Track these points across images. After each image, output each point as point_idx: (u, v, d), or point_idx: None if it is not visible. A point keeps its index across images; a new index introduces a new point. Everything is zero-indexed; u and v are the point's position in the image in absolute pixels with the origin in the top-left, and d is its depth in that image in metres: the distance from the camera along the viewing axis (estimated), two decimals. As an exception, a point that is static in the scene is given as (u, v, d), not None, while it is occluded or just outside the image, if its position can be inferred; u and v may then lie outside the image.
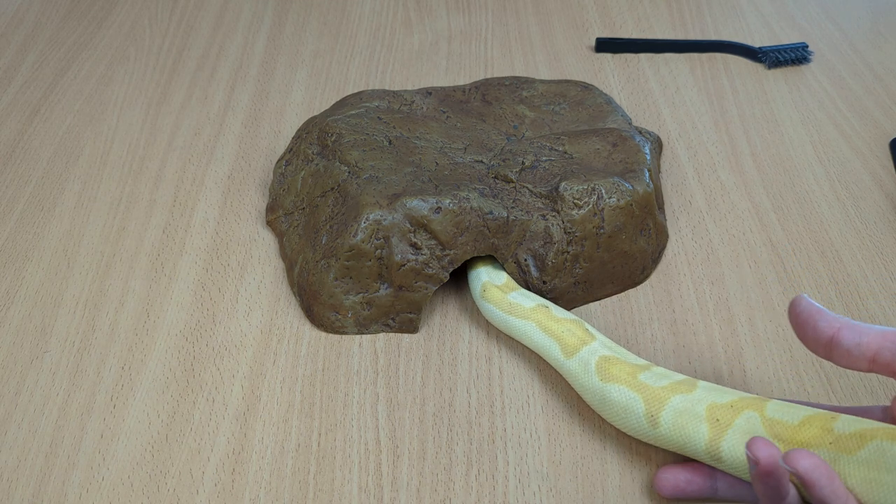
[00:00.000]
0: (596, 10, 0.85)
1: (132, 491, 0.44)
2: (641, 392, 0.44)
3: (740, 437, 0.41)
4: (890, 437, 0.37)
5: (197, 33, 0.82)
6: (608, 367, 0.46)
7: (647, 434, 0.44)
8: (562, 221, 0.53)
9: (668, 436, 0.43)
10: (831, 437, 0.39)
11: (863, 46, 0.79)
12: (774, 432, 0.40)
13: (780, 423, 0.40)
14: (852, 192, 0.63)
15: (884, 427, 0.38)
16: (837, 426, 0.39)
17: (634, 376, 0.45)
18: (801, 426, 0.40)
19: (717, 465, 0.42)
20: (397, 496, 0.44)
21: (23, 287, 0.56)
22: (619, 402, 0.44)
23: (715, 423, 0.41)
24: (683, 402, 0.43)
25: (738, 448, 0.41)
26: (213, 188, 0.64)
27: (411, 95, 0.64)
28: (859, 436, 0.38)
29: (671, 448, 0.43)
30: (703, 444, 0.42)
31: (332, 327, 0.53)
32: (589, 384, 0.46)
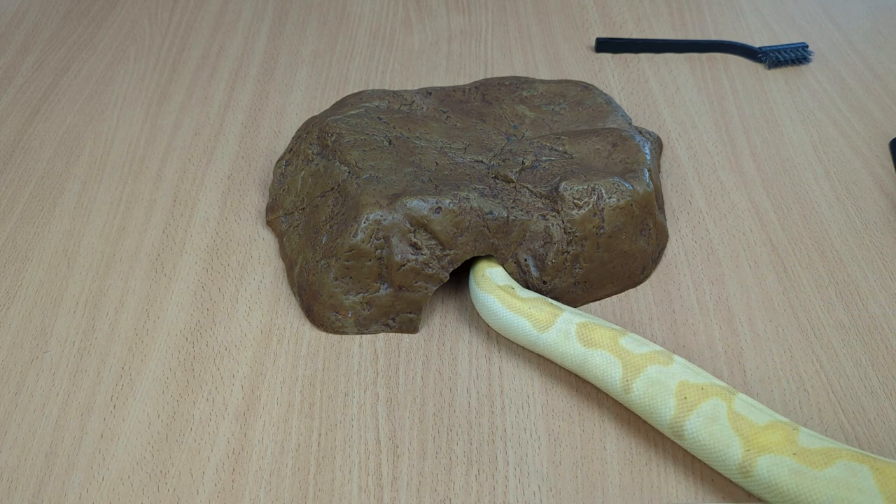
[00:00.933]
0: (596, 10, 0.85)
1: (132, 491, 0.44)
2: (621, 357, 0.46)
3: (704, 421, 0.42)
4: (856, 459, 0.39)
5: (197, 33, 0.82)
6: (588, 333, 0.48)
7: (620, 397, 0.46)
8: (562, 221, 0.53)
9: (637, 403, 0.45)
10: (795, 448, 0.40)
11: (863, 46, 0.79)
12: (738, 427, 0.42)
13: (746, 420, 0.42)
14: (852, 192, 0.63)
15: (846, 448, 0.40)
16: (801, 439, 0.40)
17: (615, 341, 0.47)
18: (765, 429, 0.41)
19: (679, 441, 0.44)
20: (397, 496, 0.44)
21: (23, 287, 0.56)
22: (599, 365, 0.47)
23: (683, 400, 0.43)
24: (658, 373, 0.45)
25: (700, 430, 0.42)
26: (213, 188, 0.64)
27: (411, 95, 0.64)
28: (825, 453, 0.39)
29: (639, 414, 0.46)
30: (668, 419, 0.44)
31: (332, 327, 0.53)
32: (570, 351, 0.48)
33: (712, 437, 0.42)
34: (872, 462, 0.39)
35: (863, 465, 0.39)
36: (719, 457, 0.42)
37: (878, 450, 0.46)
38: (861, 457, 0.39)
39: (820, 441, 0.41)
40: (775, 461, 0.40)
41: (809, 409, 0.48)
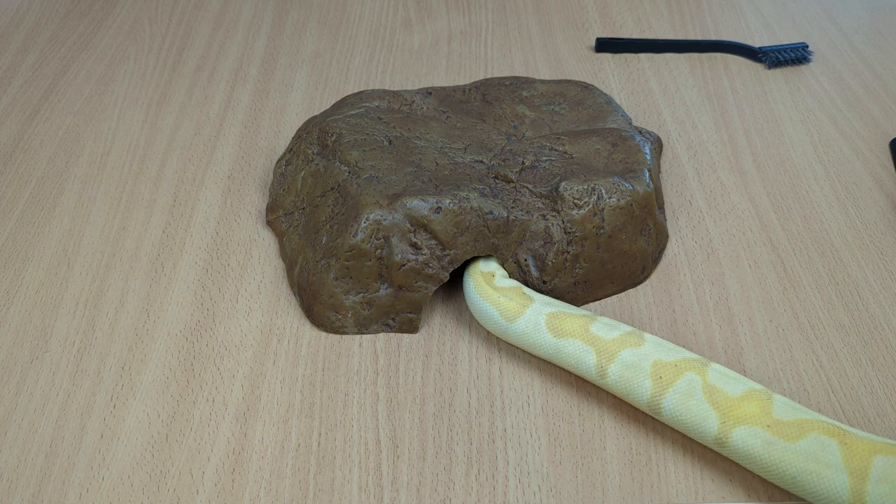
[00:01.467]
0: (596, 10, 0.85)
1: (132, 491, 0.44)
2: (594, 345, 0.47)
3: (680, 397, 0.44)
4: (827, 433, 0.41)
5: (197, 33, 0.82)
6: (559, 323, 0.48)
7: (596, 382, 0.47)
8: (562, 221, 0.53)
9: (613, 386, 0.46)
10: (769, 420, 0.42)
11: (863, 46, 0.79)
12: (713, 400, 0.43)
13: (721, 392, 0.43)
14: (852, 192, 0.63)
15: (819, 420, 0.42)
16: (776, 410, 0.42)
17: (586, 329, 0.48)
18: (741, 400, 0.43)
19: (657, 417, 0.46)
20: (397, 496, 0.44)
21: (23, 287, 0.56)
22: (573, 354, 0.48)
23: (658, 379, 0.45)
24: (632, 356, 0.46)
25: (677, 407, 0.44)
26: (213, 188, 0.64)
27: (411, 95, 0.64)
28: (798, 425, 0.41)
29: (617, 395, 0.47)
30: (646, 398, 0.45)
31: (332, 327, 0.53)
32: (542, 342, 0.49)
33: (689, 412, 0.44)
34: (842, 436, 0.40)
35: (832, 440, 0.40)
36: (696, 430, 0.44)
37: (878, 450, 0.46)
38: (832, 430, 0.41)
39: (794, 411, 0.42)
40: (749, 433, 0.42)
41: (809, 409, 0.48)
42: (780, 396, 0.43)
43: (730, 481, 0.45)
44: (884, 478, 0.39)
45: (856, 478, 0.40)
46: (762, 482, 0.44)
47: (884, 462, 0.39)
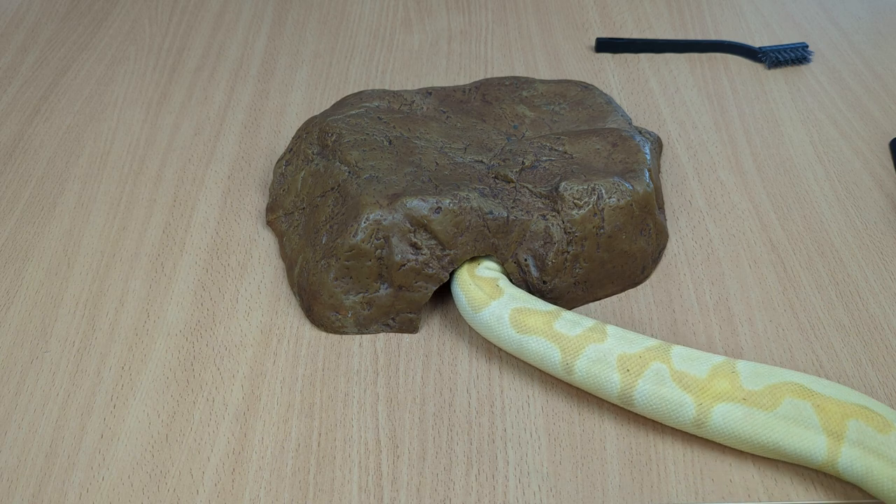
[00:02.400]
0: (596, 10, 0.85)
1: (132, 491, 0.44)
2: (558, 342, 0.48)
3: (651, 387, 0.45)
4: (799, 396, 0.43)
5: (197, 33, 0.82)
6: (522, 319, 0.49)
7: (563, 377, 0.48)
8: (562, 221, 0.53)
9: (582, 382, 0.47)
10: (743, 394, 0.44)
11: (863, 46, 0.79)
12: (684, 384, 0.45)
13: (689, 376, 0.45)
14: (852, 192, 0.63)
15: (785, 383, 0.44)
16: (744, 381, 0.44)
17: (550, 326, 0.48)
18: (710, 380, 0.45)
19: (630, 408, 0.47)
20: (397, 496, 0.44)
21: (23, 287, 0.56)
22: (536, 351, 0.48)
23: (626, 372, 0.46)
24: (596, 351, 0.47)
25: (650, 397, 0.45)
26: (213, 188, 0.64)
27: (411, 95, 0.64)
28: (771, 392, 0.44)
29: (586, 390, 0.48)
30: (616, 391, 0.46)
31: (332, 327, 0.53)
32: (505, 336, 0.49)
33: (663, 400, 0.45)
34: (813, 398, 0.43)
35: (806, 402, 0.43)
36: (673, 416, 0.45)
37: (878, 450, 0.46)
38: (802, 392, 0.44)
39: (759, 378, 0.44)
40: (728, 409, 0.44)
41: (809, 409, 0.48)
42: (741, 363, 0.46)
43: (730, 481, 0.45)
44: (857, 442, 0.42)
45: (832, 438, 0.43)
46: (762, 482, 0.45)
47: (857, 426, 0.42)
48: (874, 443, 0.42)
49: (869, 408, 0.43)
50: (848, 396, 0.43)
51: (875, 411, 0.43)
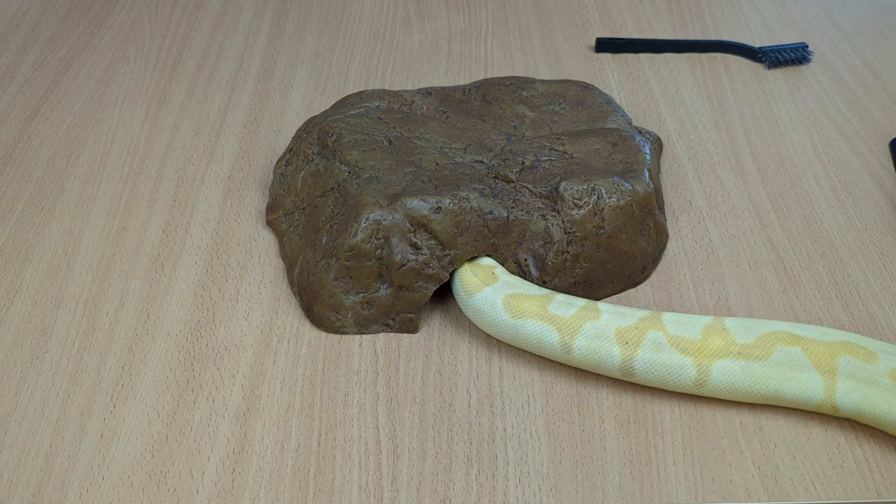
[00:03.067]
0: (596, 10, 0.85)
1: (132, 491, 0.44)
2: (554, 324, 0.48)
3: (651, 354, 0.47)
4: (787, 342, 0.46)
5: (197, 33, 0.82)
6: (517, 303, 0.49)
7: (561, 358, 0.49)
8: (562, 221, 0.53)
9: (581, 359, 0.48)
10: (737, 348, 0.46)
11: (863, 46, 0.79)
12: (682, 348, 0.47)
13: (685, 339, 0.47)
14: (852, 192, 0.63)
15: (772, 332, 0.47)
16: (735, 336, 0.46)
17: (544, 308, 0.49)
18: (704, 340, 0.47)
19: (631, 379, 0.48)
20: (397, 496, 0.44)
21: (23, 287, 0.56)
22: (533, 334, 0.49)
23: (625, 344, 0.47)
24: (593, 328, 0.48)
25: (651, 365, 0.47)
26: (213, 188, 0.64)
27: (411, 95, 0.64)
28: (762, 343, 0.46)
29: (584, 368, 0.49)
30: (617, 364, 0.47)
31: (332, 327, 0.53)
32: (499, 321, 0.50)
33: (663, 366, 0.47)
34: (801, 343, 0.46)
35: (795, 348, 0.46)
36: (674, 380, 0.47)
37: (878, 450, 0.46)
38: (790, 338, 0.46)
39: (749, 331, 0.47)
40: (725, 365, 0.46)
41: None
42: (729, 320, 0.48)
43: (730, 481, 0.45)
44: (849, 375, 0.45)
45: (827, 377, 0.46)
46: (762, 482, 0.45)
47: (846, 361, 0.45)
48: (865, 373, 0.45)
49: (853, 342, 0.46)
50: (831, 336, 0.46)
51: (858, 345, 0.46)
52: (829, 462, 0.46)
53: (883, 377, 0.45)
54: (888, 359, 0.45)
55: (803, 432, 0.47)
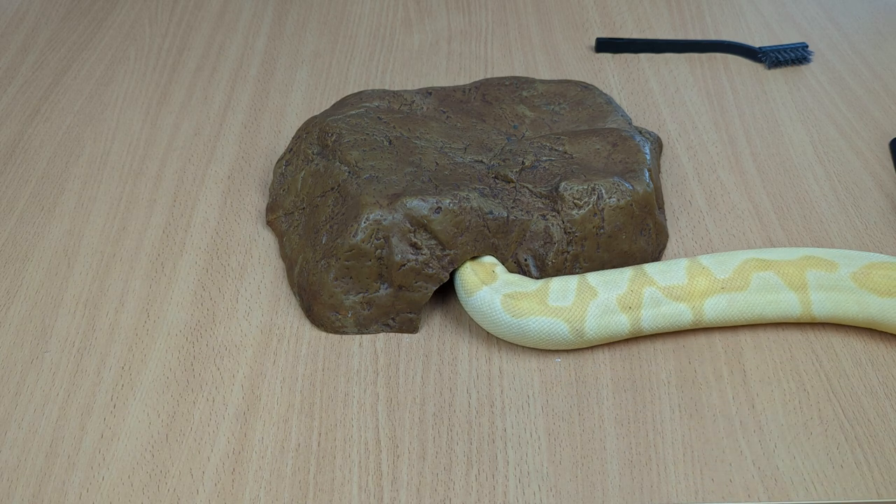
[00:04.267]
0: (596, 10, 0.85)
1: (132, 491, 0.44)
2: (560, 315, 0.49)
3: (653, 312, 0.50)
4: (760, 268, 0.51)
5: (197, 33, 0.82)
6: (515, 303, 0.50)
7: (573, 345, 0.50)
8: (562, 221, 0.53)
9: (594, 339, 0.50)
10: (720, 284, 0.50)
11: (863, 46, 0.79)
12: (675, 296, 0.50)
13: (675, 286, 0.50)
14: (852, 192, 0.63)
15: (745, 261, 0.51)
16: (715, 273, 0.51)
17: (544, 303, 0.50)
18: (690, 282, 0.50)
19: (637, 335, 0.51)
20: (397, 496, 0.44)
21: (23, 287, 0.56)
22: (541, 330, 0.49)
23: (629, 310, 0.50)
24: (597, 307, 0.50)
25: (655, 320, 0.50)
26: (213, 188, 0.64)
27: (411, 95, 0.64)
28: (739, 274, 0.51)
29: (595, 344, 0.51)
30: (627, 331, 0.50)
31: (332, 327, 0.53)
32: (501, 321, 0.50)
33: (665, 317, 0.50)
34: (772, 267, 0.51)
35: (768, 272, 0.51)
36: (675, 325, 0.51)
37: (878, 450, 0.46)
38: (761, 264, 0.51)
39: (724, 265, 0.51)
40: (714, 302, 0.50)
41: (809, 409, 0.48)
42: (703, 258, 0.52)
43: (730, 481, 0.45)
44: (819, 286, 0.51)
45: (800, 292, 0.51)
46: (762, 482, 0.45)
47: (813, 275, 0.51)
48: (831, 282, 0.50)
49: (813, 255, 0.51)
50: (793, 254, 0.51)
51: (818, 257, 0.51)
52: (829, 462, 0.46)
53: (847, 282, 0.50)
54: (846, 264, 0.51)
55: (803, 432, 0.47)
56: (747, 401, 0.49)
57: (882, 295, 0.50)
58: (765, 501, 0.44)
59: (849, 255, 0.51)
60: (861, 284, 0.50)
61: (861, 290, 0.50)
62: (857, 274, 0.50)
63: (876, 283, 0.50)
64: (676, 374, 0.50)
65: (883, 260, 0.51)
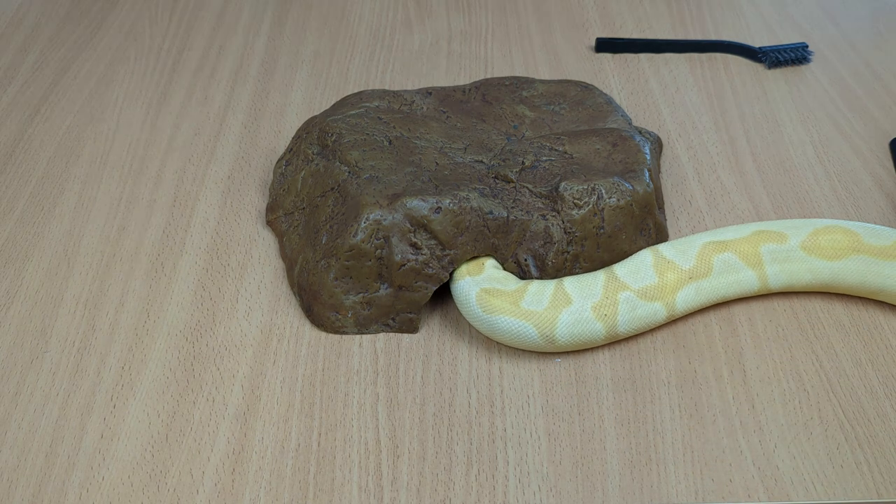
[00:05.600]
0: (596, 10, 0.85)
1: (132, 491, 0.44)
2: (530, 319, 0.49)
3: (628, 317, 0.50)
4: (719, 250, 0.52)
5: (197, 33, 0.82)
6: (489, 299, 0.50)
7: (545, 348, 0.50)
8: (562, 221, 0.53)
9: (566, 345, 0.50)
10: (687, 275, 0.51)
11: (863, 46, 0.79)
12: (649, 296, 0.50)
13: (649, 287, 0.51)
14: (852, 192, 0.63)
15: (703, 245, 0.52)
16: (680, 263, 0.51)
17: (517, 304, 0.50)
18: (661, 279, 0.51)
19: (616, 339, 0.51)
20: (397, 496, 0.44)
21: (23, 287, 0.56)
22: (509, 330, 0.50)
23: (604, 318, 0.50)
24: (570, 315, 0.49)
25: (630, 323, 0.50)
26: (213, 188, 0.64)
27: (411, 95, 0.64)
28: (701, 261, 0.52)
29: (568, 350, 0.51)
30: (602, 337, 0.50)
31: (332, 327, 0.53)
32: (473, 315, 0.51)
33: (640, 320, 0.50)
34: (730, 246, 0.52)
35: (727, 252, 0.52)
36: (652, 322, 0.51)
37: (878, 450, 0.46)
38: (719, 246, 0.52)
39: (685, 253, 0.52)
40: (684, 294, 0.51)
41: (809, 409, 0.48)
42: (663, 248, 0.53)
43: (730, 481, 0.45)
44: (773, 260, 0.53)
45: (757, 268, 0.52)
46: (762, 482, 0.45)
47: (767, 249, 0.52)
48: (783, 254, 0.53)
49: (763, 230, 0.53)
50: (746, 230, 0.53)
51: (769, 230, 0.53)
52: (829, 462, 0.46)
53: (797, 252, 0.53)
54: (795, 234, 0.53)
55: (803, 432, 0.47)
56: (747, 401, 0.49)
57: (831, 259, 0.52)
58: (765, 501, 0.44)
59: (796, 224, 0.54)
60: (810, 252, 0.52)
61: (811, 257, 0.52)
62: (805, 242, 0.53)
63: (823, 249, 0.52)
64: (676, 374, 0.50)
65: (826, 224, 0.53)
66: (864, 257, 0.52)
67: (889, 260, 0.52)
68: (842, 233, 0.53)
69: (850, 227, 0.53)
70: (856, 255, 0.52)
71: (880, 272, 0.52)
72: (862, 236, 0.52)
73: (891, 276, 0.52)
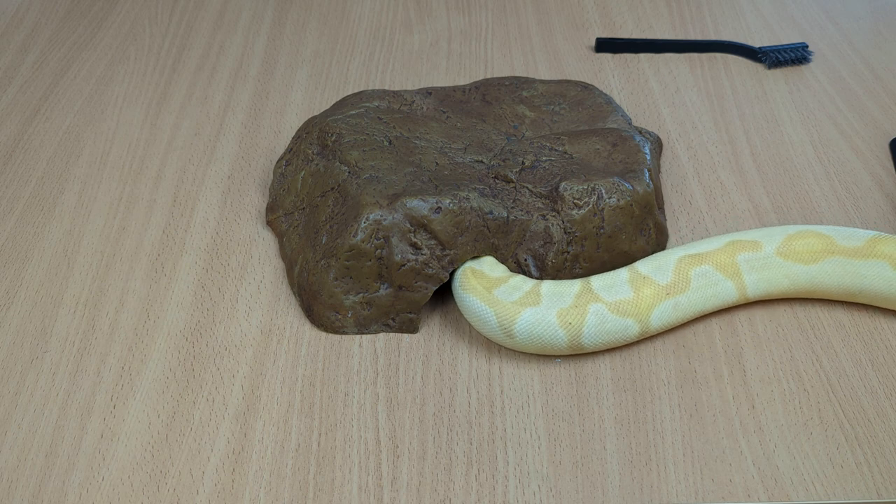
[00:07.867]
0: (596, 10, 0.85)
1: (132, 491, 0.44)
2: (493, 306, 0.50)
3: (595, 329, 0.49)
4: (696, 263, 0.51)
5: (197, 33, 0.82)
6: (468, 277, 0.51)
7: (505, 342, 0.50)
8: (562, 221, 0.53)
9: (524, 345, 0.50)
10: (665, 290, 0.50)
11: (863, 46, 0.79)
12: (622, 311, 0.50)
13: (623, 301, 0.50)
14: (852, 192, 0.63)
15: (679, 258, 0.52)
16: (657, 279, 0.51)
17: (489, 291, 0.50)
18: (637, 295, 0.50)
19: (580, 352, 0.50)
20: (397, 496, 0.44)
21: (23, 287, 0.56)
22: (473, 311, 0.50)
23: (569, 325, 0.49)
24: (533, 314, 0.49)
25: (597, 336, 0.49)
26: (213, 188, 0.64)
27: (411, 95, 0.64)
28: (679, 275, 0.51)
29: (530, 352, 0.50)
30: (565, 345, 0.49)
31: (332, 327, 0.53)
32: (454, 289, 0.52)
33: (609, 333, 0.50)
34: (706, 259, 0.52)
35: (704, 265, 0.51)
36: (622, 339, 0.50)
37: (878, 450, 0.46)
38: (695, 259, 0.52)
39: (662, 269, 0.51)
40: (660, 311, 0.50)
41: (809, 409, 0.48)
42: (639, 265, 0.52)
43: (730, 481, 0.45)
44: (750, 269, 0.52)
45: (735, 279, 0.52)
46: (762, 482, 0.45)
47: (743, 258, 0.52)
48: (759, 262, 0.52)
49: (737, 240, 0.53)
50: (719, 242, 0.53)
51: (743, 240, 0.53)
52: (829, 462, 0.46)
53: (774, 258, 0.52)
54: (769, 241, 0.52)
55: (803, 432, 0.47)
56: (747, 401, 0.49)
57: (807, 263, 0.52)
58: (765, 501, 0.44)
59: (768, 231, 0.53)
60: (786, 257, 0.52)
61: (787, 262, 0.52)
62: (780, 248, 0.52)
63: (798, 254, 0.52)
64: (676, 374, 0.50)
65: (799, 230, 0.53)
66: (840, 258, 0.52)
67: (863, 259, 0.52)
68: (815, 237, 0.52)
69: (822, 230, 0.53)
70: (830, 257, 0.52)
71: (857, 272, 0.52)
72: (835, 239, 0.52)
73: (867, 275, 0.52)
